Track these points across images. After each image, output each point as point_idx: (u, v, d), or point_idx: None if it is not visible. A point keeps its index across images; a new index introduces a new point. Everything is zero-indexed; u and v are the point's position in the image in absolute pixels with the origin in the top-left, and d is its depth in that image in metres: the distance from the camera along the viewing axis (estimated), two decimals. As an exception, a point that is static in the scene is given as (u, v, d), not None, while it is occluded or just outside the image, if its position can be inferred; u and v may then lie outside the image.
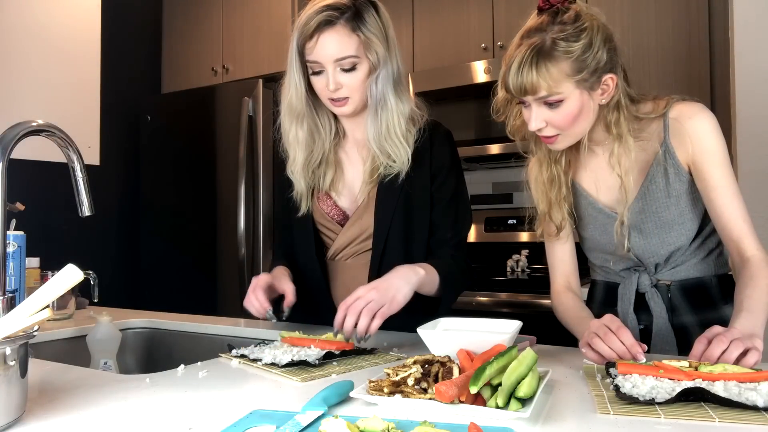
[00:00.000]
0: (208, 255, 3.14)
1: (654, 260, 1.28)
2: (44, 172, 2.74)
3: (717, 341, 0.90)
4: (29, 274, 1.61)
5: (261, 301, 1.25)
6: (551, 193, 1.30)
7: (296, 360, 1.01)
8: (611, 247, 1.31)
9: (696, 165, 1.19)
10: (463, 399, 0.76)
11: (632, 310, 1.29)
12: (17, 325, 0.71)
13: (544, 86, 1.10)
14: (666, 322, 1.27)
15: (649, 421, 0.72)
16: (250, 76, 3.20)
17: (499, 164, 3.00)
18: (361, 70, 1.31)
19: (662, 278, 1.29)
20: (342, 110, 1.35)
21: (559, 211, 1.30)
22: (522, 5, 2.80)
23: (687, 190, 1.22)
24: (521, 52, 1.11)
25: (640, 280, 1.30)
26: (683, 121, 1.19)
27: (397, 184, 1.36)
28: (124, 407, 0.81)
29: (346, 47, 1.28)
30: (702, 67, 2.38)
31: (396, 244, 1.36)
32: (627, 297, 1.30)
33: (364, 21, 1.29)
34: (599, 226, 1.31)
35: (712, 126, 1.18)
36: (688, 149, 1.19)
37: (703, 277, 1.28)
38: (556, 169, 1.30)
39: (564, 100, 1.12)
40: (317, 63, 1.30)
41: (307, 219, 1.44)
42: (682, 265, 1.28)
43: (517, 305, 2.35)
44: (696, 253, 1.28)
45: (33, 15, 2.98)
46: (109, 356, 1.38)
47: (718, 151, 1.17)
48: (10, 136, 0.89)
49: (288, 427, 0.68)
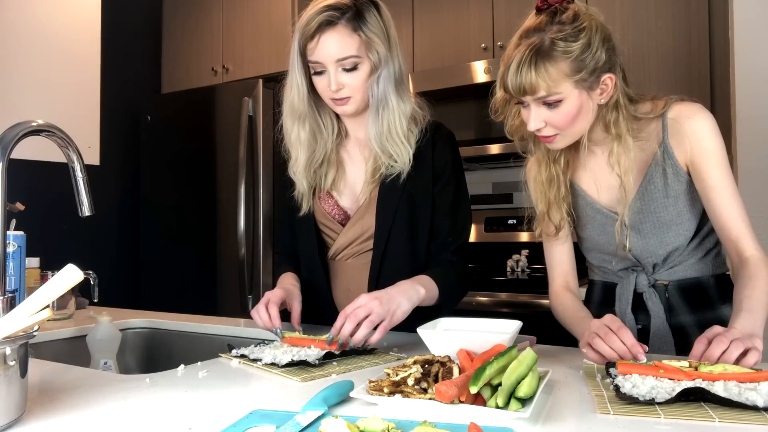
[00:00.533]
0: (208, 255, 3.14)
1: (652, 260, 1.28)
2: (44, 172, 2.73)
3: (717, 341, 0.90)
4: (29, 274, 1.61)
5: (273, 317, 1.24)
6: (550, 193, 1.30)
7: (296, 360, 1.01)
8: (610, 247, 1.31)
9: (694, 165, 1.19)
10: (463, 399, 0.76)
11: (630, 310, 1.29)
12: (17, 325, 0.71)
13: (542, 86, 1.10)
14: (664, 322, 1.27)
15: (649, 421, 0.72)
16: (250, 76, 3.20)
17: (499, 164, 3.00)
18: (362, 70, 1.31)
19: (660, 278, 1.29)
20: (344, 110, 1.35)
21: (558, 211, 1.30)
22: (522, 5, 2.79)
23: (685, 190, 1.22)
24: (520, 52, 1.11)
25: (637, 280, 1.30)
26: (682, 121, 1.19)
27: (398, 184, 1.36)
28: (124, 407, 0.81)
29: (348, 47, 1.28)
30: (702, 67, 2.38)
31: (397, 244, 1.36)
32: (625, 297, 1.30)
33: (365, 21, 1.29)
34: (597, 226, 1.31)
35: (710, 126, 1.18)
36: (687, 149, 1.19)
37: (701, 277, 1.28)
38: (555, 169, 1.29)
39: (563, 100, 1.12)
40: (319, 63, 1.30)
41: (308, 218, 1.44)
42: (679, 265, 1.28)
43: (517, 305, 2.35)
44: (694, 253, 1.27)
45: (33, 15, 2.98)
46: (109, 356, 1.38)
47: (716, 152, 1.17)
48: (10, 136, 0.89)
49: (288, 427, 0.68)
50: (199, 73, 3.45)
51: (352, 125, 1.44)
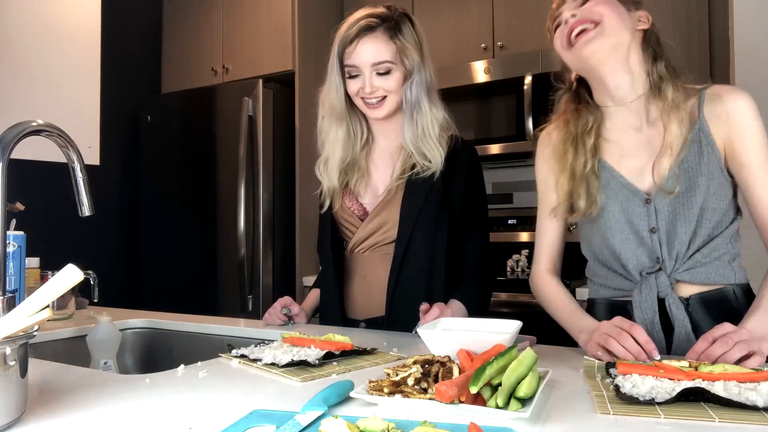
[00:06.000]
0: (208, 255, 3.14)
1: (676, 248, 1.15)
2: (44, 172, 2.73)
3: (721, 342, 0.89)
4: (29, 274, 1.61)
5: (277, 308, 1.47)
6: (576, 165, 1.21)
7: (296, 360, 1.01)
8: (629, 235, 1.19)
9: (732, 145, 1.13)
10: (463, 399, 0.76)
11: (658, 319, 1.14)
12: (17, 325, 0.71)
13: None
14: (689, 332, 1.13)
15: (649, 421, 0.72)
16: (250, 76, 3.20)
17: (499, 164, 3.00)
18: (395, 76, 1.39)
19: (681, 278, 1.15)
20: (376, 113, 1.42)
21: (582, 185, 1.20)
22: (522, 5, 2.80)
23: (720, 173, 1.14)
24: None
25: (658, 281, 1.15)
26: (722, 98, 1.14)
27: (428, 183, 1.41)
28: (124, 407, 0.81)
29: (383, 53, 1.37)
30: (702, 67, 2.38)
31: (420, 236, 1.40)
32: (648, 305, 1.15)
33: (401, 30, 1.39)
34: (619, 204, 1.19)
35: (751, 107, 1.12)
36: (724, 129, 1.13)
37: (725, 288, 1.15)
38: (586, 142, 1.21)
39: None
40: (355, 67, 1.39)
41: (328, 215, 1.52)
42: (701, 267, 1.15)
43: (517, 305, 2.35)
44: (719, 250, 1.15)
45: (33, 15, 2.97)
46: (109, 356, 1.38)
47: (756, 133, 1.11)
48: (10, 136, 0.89)
49: (288, 427, 0.68)
50: (199, 73, 3.45)
51: (381, 132, 1.51)
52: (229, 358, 1.10)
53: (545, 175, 1.31)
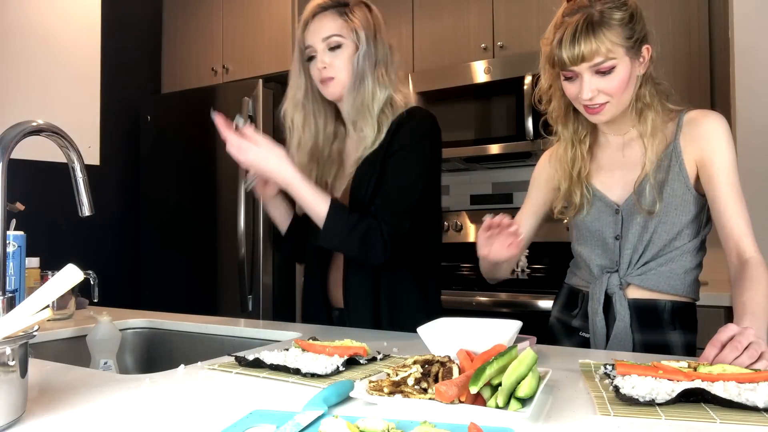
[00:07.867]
0: (208, 255, 3.13)
1: (631, 255, 1.30)
2: (44, 172, 2.73)
3: (731, 347, 0.89)
4: (29, 274, 1.61)
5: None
6: (574, 171, 1.35)
7: (305, 373, 0.94)
8: (599, 237, 1.35)
9: (703, 162, 1.23)
10: (463, 399, 0.76)
11: (602, 310, 1.31)
12: (17, 325, 0.71)
13: (602, 51, 1.15)
14: (627, 327, 1.29)
15: (649, 422, 0.72)
16: (250, 76, 3.20)
17: (499, 164, 3.00)
18: (346, 51, 1.40)
19: (632, 282, 1.30)
20: (329, 91, 1.43)
21: (578, 188, 1.35)
22: (522, 5, 2.80)
23: (684, 190, 1.26)
24: (571, 26, 1.17)
25: (610, 280, 1.32)
26: (697, 122, 1.25)
27: (369, 163, 1.40)
28: (124, 407, 0.81)
29: (332, 27, 1.40)
30: (702, 68, 2.39)
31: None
32: (597, 297, 1.33)
33: (352, 11, 1.42)
34: (594, 212, 1.35)
35: (723, 128, 1.23)
36: (697, 148, 1.24)
37: (658, 300, 1.29)
38: (581, 149, 1.35)
39: (616, 66, 1.18)
40: (310, 47, 1.42)
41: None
42: (651, 274, 1.29)
43: (517, 305, 2.35)
44: (675, 261, 1.28)
45: (33, 15, 2.97)
46: (109, 356, 1.38)
47: (726, 152, 1.22)
48: (10, 136, 0.89)
49: (288, 427, 0.68)
50: (199, 73, 3.45)
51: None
52: (230, 366, 1.09)
53: (538, 173, 1.46)
